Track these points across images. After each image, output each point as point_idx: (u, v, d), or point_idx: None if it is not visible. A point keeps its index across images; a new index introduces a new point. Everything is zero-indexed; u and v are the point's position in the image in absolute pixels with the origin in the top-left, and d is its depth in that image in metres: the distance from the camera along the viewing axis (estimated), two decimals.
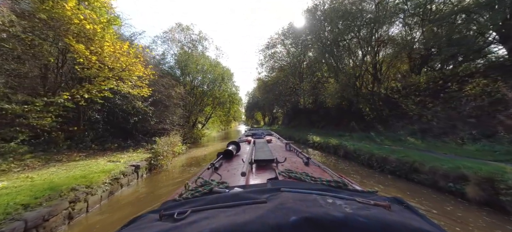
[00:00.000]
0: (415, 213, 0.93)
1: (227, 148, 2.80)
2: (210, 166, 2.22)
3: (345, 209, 0.82)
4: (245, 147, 3.50)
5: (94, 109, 10.00)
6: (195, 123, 25.43)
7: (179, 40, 20.65)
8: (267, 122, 51.43)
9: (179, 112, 14.30)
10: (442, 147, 8.34)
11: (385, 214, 0.79)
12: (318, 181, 1.46)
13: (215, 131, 39.12)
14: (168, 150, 9.75)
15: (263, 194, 1.04)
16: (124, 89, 8.32)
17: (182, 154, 12.36)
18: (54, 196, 3.79)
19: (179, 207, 0.98)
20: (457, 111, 10.14)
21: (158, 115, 11.96)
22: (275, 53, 27.36)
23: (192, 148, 15.19)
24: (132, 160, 7.80)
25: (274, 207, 0.81)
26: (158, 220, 0.88)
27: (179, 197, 1.22)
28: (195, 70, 21.76)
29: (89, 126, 9.59)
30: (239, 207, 0.90)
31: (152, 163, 8.16)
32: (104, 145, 9.30)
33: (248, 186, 1.44)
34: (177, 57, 20.95)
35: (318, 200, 0.92)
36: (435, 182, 5.39)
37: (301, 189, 1.12)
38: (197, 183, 1.58)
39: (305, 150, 13.17)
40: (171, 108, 12.64)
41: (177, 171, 8.58)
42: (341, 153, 10.66)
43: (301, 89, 21.57)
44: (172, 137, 11.89)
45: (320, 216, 0.71)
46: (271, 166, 2.13)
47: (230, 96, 25.93)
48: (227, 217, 0.78)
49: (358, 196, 1.05)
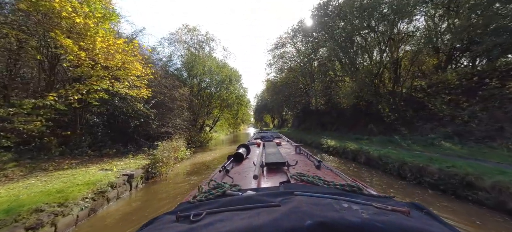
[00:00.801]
0: (436, 219, 0.88)
1: (237, 151, 2.80)
2: (221, 168, 2.23)
3: (362, 214, 0.79)
4: (255, 150, 3.48)
5: (93, 112, 9.42)
6: (203, 126, 24.80)
7: (185, 41, 20.17)
8: (276, 124, 50.22)
9: (185, 115, 13.58)
10: (490, 154, 6.89)
11: (404, 220, 0.75)
12: (332, 185, 1.41)
13: (224, 134, 38.48)
14: (169, 156, 8.95)
15: (276, 198, 1.02)
16: (121, 90, 7.61)
17: (186, 159, 11.54)
18: (7, 221, 2.96)
19: (194, 209, 1.00)
20: (503, 111, 8.59)
21: (160, 118, 11.26)
22: (284, 53, 26.30)
23: (198, 153, 14.39)
24: (129, 167, 7.02)
25: (289, 211, 0.81)
26: (175, 221, 0.90)
27: (193, 199, 1.23)
28: (202, 72, 21.15)
29: (87, 130, 8.98)
30: (252, 210, 0.90)
31: (149, 171, 7.34)
32: (101, 151, 8.64)
33: (261, 189, 1.44)
34: (183, 58, 20.45)
35: (333, 205, 0.89)
36: (503, 203, 4.09)
37: (315, 192, 1.10)
38: (209, 186, 1.52)
39: (319, 155, 11.96)
40: (175, 110, 11.90)
41: (177, 180, 7.71)
42: (361, 159, 9.38)
43: (313, 89, 20.30)
44: (175, 141, 11.13)
45: (336, 220, 0.70)
46: (282, 169, 2.12)
47: (238, 98, 25.09)
48: (242, 220, 0.78)
49: (375, 201, 1.02)
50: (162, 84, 11.08)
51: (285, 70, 28.17)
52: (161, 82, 10.85)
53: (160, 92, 10.86)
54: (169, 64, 20.28)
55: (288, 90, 26.79)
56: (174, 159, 10.29)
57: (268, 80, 30.55)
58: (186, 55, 20.45)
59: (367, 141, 13.40)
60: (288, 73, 28.30)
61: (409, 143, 10.34)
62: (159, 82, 10.81)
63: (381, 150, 8.73)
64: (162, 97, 10.80)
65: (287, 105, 30.53)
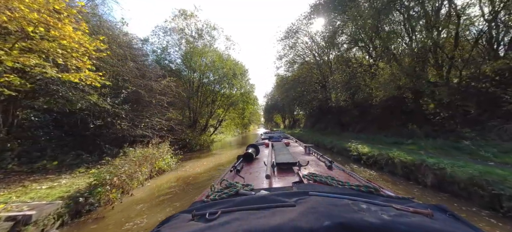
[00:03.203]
0: (462, 222, 0.81)
1: (246, 151, 2.78)
2: (232, 168, 2.23)
3: (382, 215, 0.75)
4: (264, 150, 3.46)
5: (32, 106, 6.79)
6: (206, 127, 22.12)
7: (181, 28, 17.52)
8: (287, 125, 46.80)
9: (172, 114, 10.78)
10: None
11: (428, 223, 0.72)
12: (346, 186, 1.33)
13: (230, 136, 35.75)
14: (133, 172, 6.12)
15: (290, 198, 1.00)
16: (48, 71, 4.84)
17: (169, 171, 8.70)
18: None
19: (209, 208, 0.97)
20: None
21: (136, 117, 8.50)
22: (297, 43, 22.93)
23: (192, 159, 11.54)
24: (48, 196, 4.25)
25: (305, 211, 0.79)
26: (191, 220, 0.89)
27: (207, 198, 1.22)
28: (202, 65, 18.42)
29: (19, 134, 6.37)
30: (267, 209, 0.88)
31: (81, 203, 4.48)
32: (34, 165, 5.97)
33: (273, 189, 1.43)
34: (179, 49, 17.83)
35: (350, 205, 0.85)
36: None
37: (330, 193, 1.06)
38: (222, 185, 1.48)
39: (348, 167, 8.65)
40: (156, 107, 9.10)
41: (131, 214, 4.78)
42: (426, 179, 5.98)
43: (334, 81, 16.81)
44: (156, 147, 8.33)
45: (356, 222, 0.67)
46: (293, 169, 2.09)
47: (243, 95, 22.12)
48: (257, 219, 0.77)
49: (394, 202, 0.96)
50: (134, 72, 8.25)
51: (297, 63, 24.79)
52: (129, 67, 8.02)
53: (131, 82, 8.07)
54: (164, 56, 17.74)
55: (301, 85, 23.41)
56: (149, 172, 7.49)
57: (278, 75, 27.31)
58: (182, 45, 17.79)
59: (413, 146, 9.87)
60: (301, 66, 24.90)
61: (494, 152, 6.77)
62: (131, 70, 8.01)
63: (463, 165, 5.31)
64: (132, 87, 7.98)
65: (299, 104, 27.14)
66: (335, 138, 16.67)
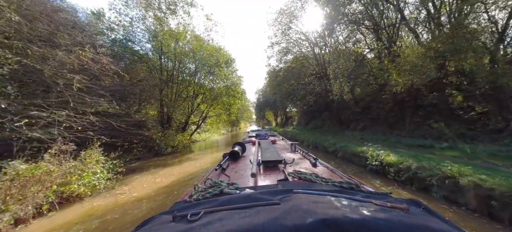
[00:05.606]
0: (435, 214, 0.87)
1: (232, 149, 2.75)
2: (217, 167, 2.19)
3: (362, 211, 0.79)
4: (251, 148, 3.46)
5: None
6: (186, 125, 18.75)
7: (149, 3, 13.94)
8: (279, 122, 43.95)
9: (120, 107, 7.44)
10: None
11: (404, 217, 0.77)
12: (329, 183, 1.42)
13: (217, 134, 32.41)
14: None
15: (275, 196, 1.01)
16: None
17: (89, 197, 5.43)
18: None
19: (191, 209, 0.96)
20: None
21: (23, 108, 5.12)
22: (290, 28, 19.86)
23: (144, 170, 8.23)
24: None
25: (289, 209, 0.80)
26: (172, 221, 0.87)
27: (190, 198, 1.19)
28: (175, 48, 15.03)
29: None
30: (251, 208, 0.88)
31: None
32: None
33: (258, 187, 1.44)
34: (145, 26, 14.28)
35: (333, 202, 0.89)
36: None
37: (313, 190, 1.08)
38: (206, 184, 1.48)
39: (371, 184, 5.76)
40: (65, 91, 5.71)
41: None
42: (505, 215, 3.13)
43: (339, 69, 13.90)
44: (62, 160, 5.06)
45: (338, 218, 0.70)
46: (279, 167, 2.10)
47: (229, 88, 18.89)
48: (242, 219, 0.77)
49: (373, 198, 1.00)
50: (24, 28, 4.78)
51: (291, 52, 21.74)
52: (15, 20, 4.54)
53: (22, 50, 4.69)
54: (129, 37, 14.17)
55: (294, 77, 20.45)
56: (36, 204, 4.25)
57: (269, 66, 24.21)
58: (149, 21, 14.26)
59: (454, 152, 7.12)
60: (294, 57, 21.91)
61: None
62: (15, 22, 4.60)
63: None
64: (18, 58, 4.55)
65: (292, 99, 24.25)
66: (337, 138, 13.86)
